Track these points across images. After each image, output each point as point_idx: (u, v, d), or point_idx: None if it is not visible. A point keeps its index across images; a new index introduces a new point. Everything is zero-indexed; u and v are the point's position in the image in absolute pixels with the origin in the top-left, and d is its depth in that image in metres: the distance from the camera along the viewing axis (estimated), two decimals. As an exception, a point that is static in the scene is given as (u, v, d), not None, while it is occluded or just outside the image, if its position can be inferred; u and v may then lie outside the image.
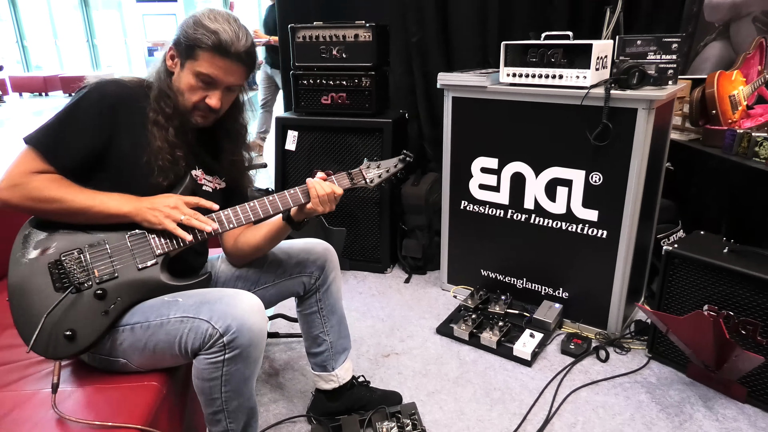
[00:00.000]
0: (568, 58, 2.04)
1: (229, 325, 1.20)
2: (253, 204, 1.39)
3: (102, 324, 1.26)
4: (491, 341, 2.10)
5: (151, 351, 1.28)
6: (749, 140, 2.36)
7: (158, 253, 1.31)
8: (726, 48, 3.18)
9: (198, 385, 1.28)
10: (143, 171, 1.32)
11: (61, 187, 1.26)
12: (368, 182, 1.50)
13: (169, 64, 1.36)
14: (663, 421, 1.74)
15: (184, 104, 1.36)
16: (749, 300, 1.76)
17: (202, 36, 1.29)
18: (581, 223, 2.14)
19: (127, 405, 1.20)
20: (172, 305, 1.28)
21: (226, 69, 1.32)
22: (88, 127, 1.28)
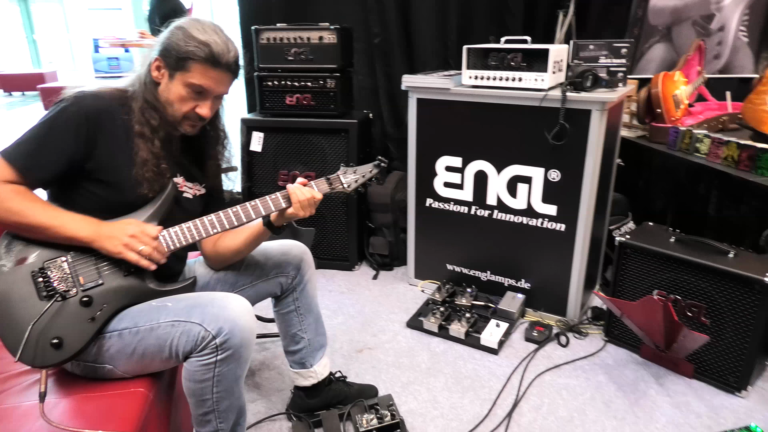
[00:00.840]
0: (526, 61, 2.15)
1: (222, 327, 1.24)
2: (235, 209, 1.42)
3: (89, 331, 1.27)
4: (459, 332, 2.20)
5: (140, 356, 1.30)
6: (691, 137, 2.55)
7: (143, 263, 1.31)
8: (669, 50, 3.39)
9: (189, 387, 1.31)
10: (129, 183, 1.33)
11: (25, 201, 1.24)
12: (346, 187, 1.55)
13: (155, 75, 1.36)
14: (620, 399, 1.88)
15: (174, 115, 1.37)
16: (694, 285, 1.92)
17: (195, 48, 1.30)
18: (541, 217, 2.26)
19: (117, 412, 1.22)
20: (162, 310, 1.30)
21: (218, 79, 1.35)
22: (64, 142, 1.27)
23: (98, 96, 1.34)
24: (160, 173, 1.37)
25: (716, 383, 1.92)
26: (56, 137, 1.27)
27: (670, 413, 1.81)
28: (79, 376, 1.34)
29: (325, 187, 1.52)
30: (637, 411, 1.82)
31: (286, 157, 2.77)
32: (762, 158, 2.22)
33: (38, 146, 1.27)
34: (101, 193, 1.33)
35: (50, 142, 1.27)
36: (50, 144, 1.27)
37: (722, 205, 2.33)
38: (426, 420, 1.79)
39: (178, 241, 1.36)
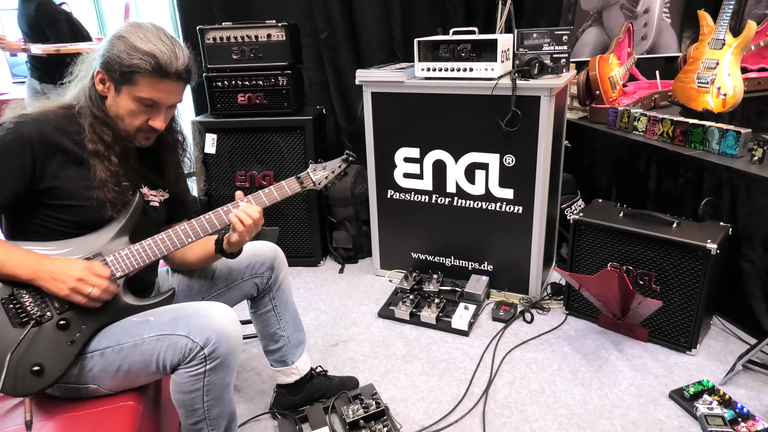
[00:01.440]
0: (476, 52, 2.23)
1: (208, 337, 1.23)
2: (183, 227, 1.37)
3: (69, 354, 1.24)
4: (430, 318, 2.27)
5: (125, 372, 1.28)
6: (629, 116, 2.72)
7: (118, 276, 1.29)
8: (601, 33, 3.58)
9: (178, 398, 1.30)
10: (90, 205, 1.28)
11: None
12: (317, 184, 1.55)
13: (99, 89, 1.28)
14: (585, 367, 2.01)
15: (126, 129, 1.30)
16: (643, 255, 2.07)
17: (139, 61, 1.22)
18: (499, 201, 2.36)
19: (109, 427, 1.21)
20: (144, 325, 1.28)
21: (168, 90, 1.29)
22: (7, 174, 1.20)
23: (41, 119, 1.26)
24: (122, 191, 1.32)
25: (669, 344, 2.08)
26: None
27: (631, 376, 1.95)
28: (59, 398, 1.31)
29: (296, 186, 1.51)
30: (601, 377, 1.95)
31: (243, 158, 2.74)
32: (694, 133, 2.40)
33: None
34: (61, 216, 1.28)
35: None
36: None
37: (661, 179, 2.51)
38: (408, 405, 1.85)
39: (131, 265, 1.31)
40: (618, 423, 1.73)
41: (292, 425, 1.74)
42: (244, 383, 2.00)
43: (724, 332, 2.17)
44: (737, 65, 2.48)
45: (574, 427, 1.73)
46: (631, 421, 1.74)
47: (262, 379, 2.02)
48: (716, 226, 2.06)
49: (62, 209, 1.28)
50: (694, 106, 2.61)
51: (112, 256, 1.29)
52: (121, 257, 1.30)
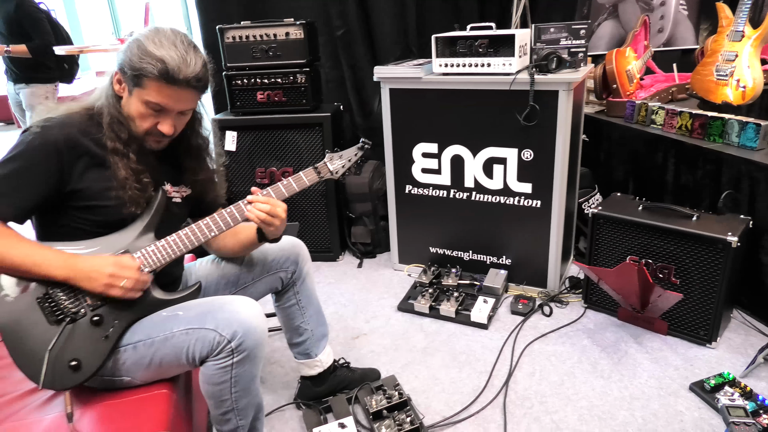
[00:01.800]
0: (493, 47, 2.24)
1: (236, 330, 1.27)
2: (206, 221, 1.40)
3: (104, 348, 1.28)
4: (450, 311, 2.29)
5: (157, 365, 1.32)
6: (647, 109, 2.71)
7: (147, 271, 1.32)
8: (616, 26, 3.57)
9: (207, 390, 1.34)
10: (114, 204, 1.32)
11: (5, 241, 1.21)
12: (333, 173, 1.57)
13: (116, 89, 1.33)
14: (605, 359, 2.03)
15: (137, 130, 1.33)
16: (663, 248, 2.07)
17: (147, 65, 1.24)
18: (517, 195, 2.37)
19: (145, 415, 1.25)
20: (173, 319, 1.32)
21: (176, 97, 1.29)
22: (36, 178, 1.25)
23: (66, 123, 1.30)
24: (143, 188, 1.35)
25: (689, 337, 2.09)
26: (27, 173, 1.24)
27: (651, 368, 1.96)
28: (96, 390, 1.35)
29: (313, 176, 1.53)
30: (621, 369, 1.97)
31: (262, 155, 2.78)
32: (713, 126, 2.40)
33: (10, 184, 1.24)
34: (88, 216, 1.32)
35: (22, 179, 1.24)
36: (21, 181, 1.24)
37: (679, 172, 2.50)
38: (429, 396, 1.88)
39: (158, 260, 1.34)
40: (638, 414, 1.75)
41: (317, 415, 1.78)
42: (268, 375, 2.04)
43: (744, 325, 2.17)
44: (757, 57, 2.46)
45: (595, 419, 1.74)
46: (651, 412, 1.75)
47: (285, 371, 2.06)
48: (736, 219, 2.05)
49: (88, 210, 1.32)
50: (713, 98, 2.60)
51: (139, 252, 1.32)
52: (148, 253, 1.33)
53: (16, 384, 1.38)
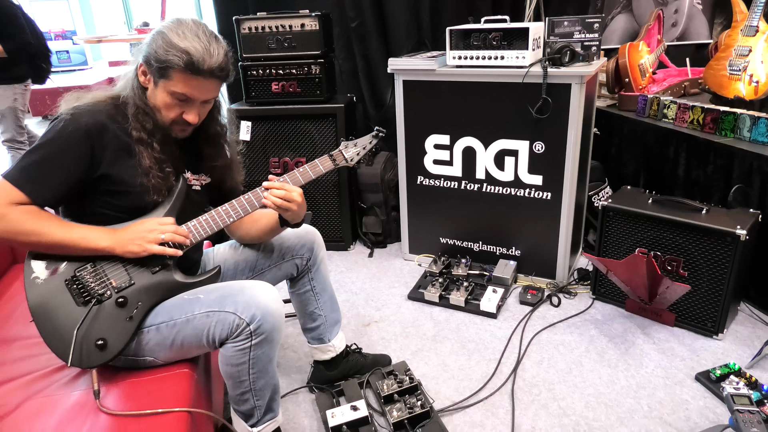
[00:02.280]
0: (507, 40, 2.26)
1: (254, 314, 1.31)
2: (226, 207, 1.46)
3: (129, 329, 1.34)
4: (459, 300, 2.33)
5: (179, 346, 1.37)
6: (659, 103, 2.72)
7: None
8: (630, 20, 3.57)
9: (226, 370, 1.39)
10: (138, 191, 1.36)
11: (39, 220, 1.26)
12: (349, 161, 1.60)
13: (142, 80, 1.37)
14: (612, 349, 2.06)
15: (162, 120, 1.38)
16: (672, 241, 2.10)
17: (173, 57, 1.28)
18: (528, 188, 2.40)
19: (169, 392, 1.30)
20: (195, 302, 1.37)
21: (201, 87, 1.34)
22: (68, 163, 1.29)
23: (95, 110, 1.34)
24: (166, 176, 1.40)
25: (696, 329, 2.12)
26: (59, 159, 1.29)
27: (657, 358, 1.99)
28: (121, 368, 1.41)
29: (329, 163, 1.56)
30: (627, 359, 2.00)
31: (276, 145, 2.82)
32: (725, 120, 2.41)
33: (42, 170, 1.28)
34: (114, 202, 1.37)
35: (54, 164, 1.29)
36: (54, 167, 1.29)
37: (690, 166, 2.52)
38: (439, 382, 1.93)
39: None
40: (644, 402, 1.78)
41: (329, 398, 1.83)
42: (282, 360, 2.09)
43: (751, 318, 2.20)
44: (770, 52, 2.47)
45: (601, 406, 1.78)
46: (657, 401, 1.79)
47: (298, 356, 2.11)
48: (746, 213, 2.07)
49: (114, 195, 1.37)
50: (726, 93, 2.61)
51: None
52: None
53: (44, 363, 1.43)
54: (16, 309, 1.70)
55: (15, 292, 1.81)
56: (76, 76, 8.40)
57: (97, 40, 3.23)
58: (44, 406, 1.27)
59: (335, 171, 1.62)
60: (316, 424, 1.77)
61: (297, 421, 1.78)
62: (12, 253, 2.02)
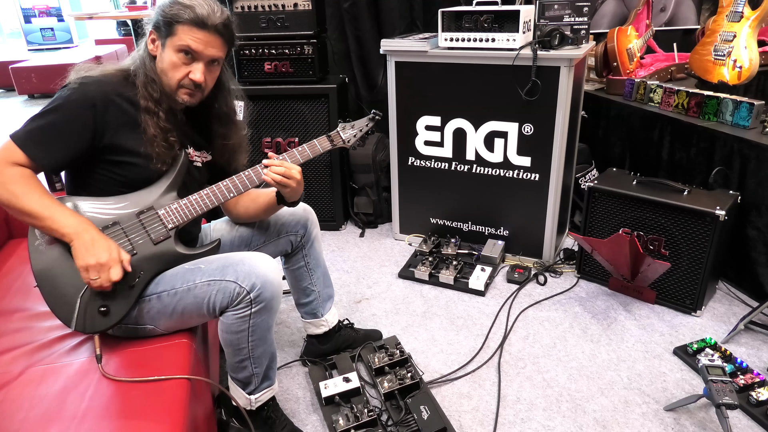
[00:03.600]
0: (498, 23, 2.30)
1: (254, 282, 1.37)
2: (225, 183, 1.49)
3: (131, 296, 1.38)
4: (449, 279, 2.40)
5: (180, 314, 1.41)
6: (645, 88, 2.78)
7: (170, 227, 1.42)
8: (619, 5, 3.60)
9: (226, 338, 1.44)
10: (142, 161, 1.40)
11: (25, 186, 1.28)
12: (346, 142, 1.65)
13: (150, 49, 1.42)
14: (594, 325, 2.14)
15: (169, 84, 1.41)
16: (654, 221, 2.17)
17: (179, 11, 1.36)
18: (517, 169, 2.45)
19: (169, 360, 1.34)
20: (196, 272, 1.41)
21: (206, 41, 1.38)
22: (72, 130, 1.33)
23: (102, 81, 1.38)
24: (170, 146, 1.44)
25: (675, 306, 2.20)
26: (64, 125, 1.32)
27: (638, 333, 2.07)
28: (122, 338, 1.45)
29: (327, 144, 1.62)
30: (609, 334, 2.08)
31: (268, 125, 2.84)
32: (708, 104, 2.47)
33: (47, 135, 1.32)
34: (118, 171, 1.41)
35: (58, 130, 1.32)
36: (58, 132, 1.32)
37: (674, 149, 2.59)
38: (428, 356, 2.00)
39: (182, 217, 1.43)
40: (624, 375, 1.86)
41: (322, 371, 1.89)
42: (275, 335, 2.12)
43: (728, 296, 2.28)
44: (754, 38, 2.52)
45: (584, 378, 1.86)
46: (636, 373, 1.87)
47: (291, 331, 2.16)
48: (725, 194, 2.15)
49: (119, 165, 1.40)
50: (710, 78, 2.67)
51: (163, 209, 1.42)
52: (172, 210, 1.43)
53: (45, 332, 1.47)
54: (14, 282, 1.73)
55: (12, 266, 1.83)
56: (61, 54, 8.27)
57: (88, 16, 3.19)
58: (48, 373, 1.31)
59: (330, 152, 1.65)
60: (309, 395, 1.83)
61: (291, 392, 1.84)
62: (8, 227, 2.04)
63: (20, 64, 7.06)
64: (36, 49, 10.74)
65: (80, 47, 9.80)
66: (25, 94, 7.10)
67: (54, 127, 1.32)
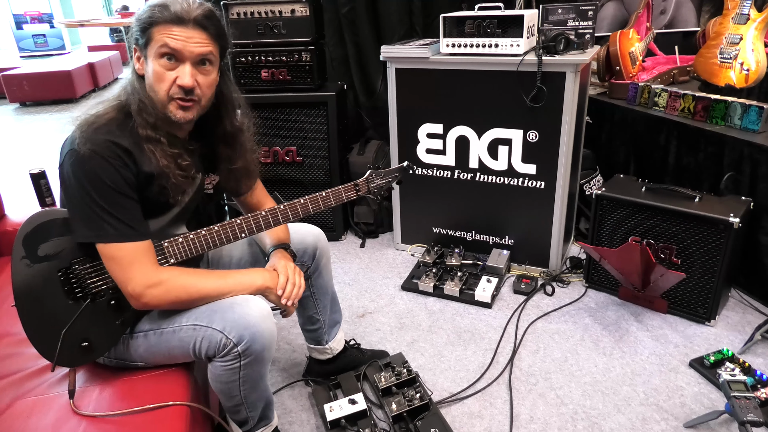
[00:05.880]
0: (501, 28, 2.24)
1: (242, 334, 1.24)
2: (222, 227, 1.38)
3: (117, 333, 1.30)
4: (454, 290, 2.33)
5: (167, 354, 1.33)
6: (649, 92, 2.73)
7: (171, 262, 1.31)
8: (619, 7, 3.56)
9: (216, 386, 1.35)
10: (166, 195, 1.29)
11: (184, 279, 1.28)
12: (371, 192, 1.58)
13: (137, 68, 1.27)
14: (606, 337, 2.07)
15: (160, 100, 1.25)
16: (665, 229, 2.11)
17: (152, 14, 1.21)
18: (522, 177, 2.39)
19: (167, 388, 1.27)
20: (183, 312, 1.31)
21: (186, 36, 1.21)
22: (122, 191, 1.22)
23: (105, 129, 1.22)
24: (186, 172, 1.30)
25: (688, 315, 2.14)
26: (114, 193, 1.20)
27: (651, 345, 2.01)
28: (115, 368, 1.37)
29: (352, 193, 1.53)
30: (622, 346, 2.02)
31: (266, 133, 2.77)
32: (716, 108, 2.42)
33: (119, 213, 1.21)
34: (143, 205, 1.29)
35: (119, 204, 1.21)
36: (121, 205, 1.22)
37: (680, 154, 2.53)
38: (436, 373, 1.92)
39: (184, 254, 1.33)
40: (640, 390, 1.80)
41: (326, 392, 1.82)
42: (276, 352, 2.07)
43: (741, 304, 2.23)
44: (761, 40, 2.48)
45: (598, 394, 1.79)
46: (652, 387, 1.81)
47: (293, 348, 2.09)
48: (737, 200, 2.09)
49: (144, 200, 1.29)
50: (716, 81, 2.62)
51: (167, 242, 1.30)
52: (177, 244, 1.31)
53: (34, 360, 1.39)
54: (2, 305, 1.65)
55: (1, 286, 1.75)
56: (54, 61, 8.17)
57: (79, 24, 3.11)
58: (37, 406, 1.24)
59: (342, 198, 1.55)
60: (314, 418, 1.75)
61: (294, 415, 1.76)
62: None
63: (11, 71, 6.97)
64: (28, 55, 10.64)
65: (73, 54, 9.71)
66: (16, 102, 7.00)
67: (115, 204, 1.21)
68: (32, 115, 6.45)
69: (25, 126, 6.09)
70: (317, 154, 2.78)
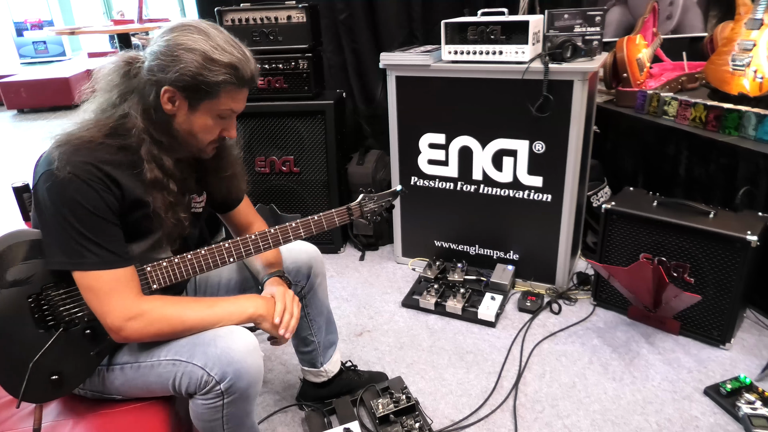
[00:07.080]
0: (506, 34, 2.14)
1: (225, 371, 1.15)
2: (210, 251, 1.30)
3: (92, 364, 1.21)
4: (456, 308, 2.23)
5: (146, 389, 1.24)
6: (659, 100, 2.63)
7: (154, 288, 1.22)
8: (624, 12, 3.47)
9: (198, 425, 1.24)
10: (150, 221, 1.21)
11: (169, 308, 1.20)
12: (364, 215, 1.52)
13: (168, 109, 1.17)
14: (616, 360, 1.97)
15: (198, 146, 1.23)
16: (678, 246, 2.00)
17: (223, 76, 1.14)
18: (527, 189, 2.29)
19: (147, 423, 1.19)
20: (163, 345, 1.22)
21: (243, 98, 1.23)
22: (104, 216, 1.13)
23: (86, 151, 1.12)
24: (179, 222, 1.26)
25: (701, 338, 2.04)
26: (96, 220, 1.12)
27: (663, 370, 1.91)
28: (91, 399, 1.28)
29: (345, 217, 1.47)
30: (633, 371, 1.91)
31: (262, 143, 2.68)
32: (728, 118, 2.32)
33: (98, 238, 1.13)
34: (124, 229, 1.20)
35: (99, 228, 1.13)
36: (101, 228, 1.13)
37: (691, 165, 2.43)
38: (437, 398, 1.82)
39: (168, 279, 1.25)
40: (653, 420, 1.70)
41: (320, 418, 1.72)
42: (269, 374, 1.97)
43: (757, 325, 2.12)
44: (776, 47, 2.38)
45: (608, 424, 1.69)
46: (666, 417, 1.70)
47: (287, 369, 1.99)
48: (754, 217, 1.99)
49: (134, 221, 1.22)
50: (728, 89, 2.52)
51: (149, 266, 1.22)
52: (161, 269, 1.23)
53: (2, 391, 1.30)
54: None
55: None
56: (53, 67, 8.11)
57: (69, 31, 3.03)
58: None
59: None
60: (307, 447, 1.66)
61: (286, 444, 1.67)
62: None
63: (9, 78, 6.90)
64: (28, 62, 10.60)
65: (73, 60, 9.67)
66: (14, 109, 6.93)
67: (95, 229, 1.12)
68: (30, 122, 6.38)
69: (23, 133, 6.02)
70: (315, 165, 2.69)
